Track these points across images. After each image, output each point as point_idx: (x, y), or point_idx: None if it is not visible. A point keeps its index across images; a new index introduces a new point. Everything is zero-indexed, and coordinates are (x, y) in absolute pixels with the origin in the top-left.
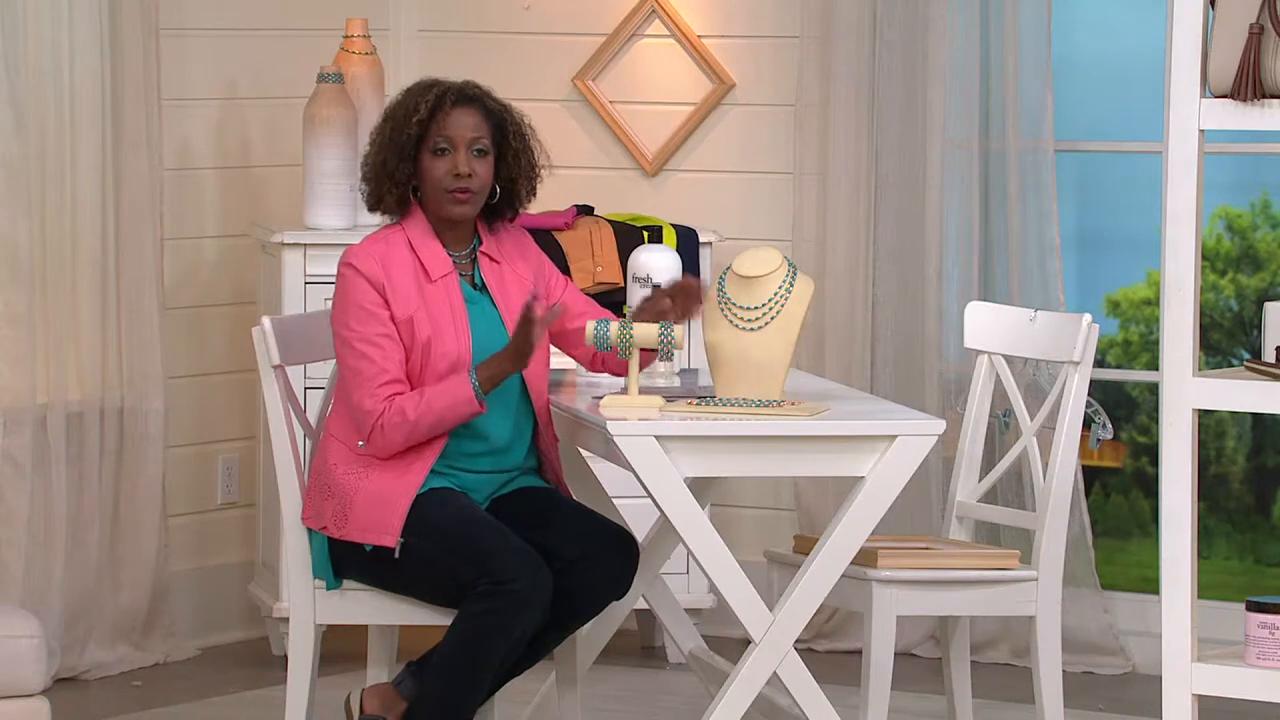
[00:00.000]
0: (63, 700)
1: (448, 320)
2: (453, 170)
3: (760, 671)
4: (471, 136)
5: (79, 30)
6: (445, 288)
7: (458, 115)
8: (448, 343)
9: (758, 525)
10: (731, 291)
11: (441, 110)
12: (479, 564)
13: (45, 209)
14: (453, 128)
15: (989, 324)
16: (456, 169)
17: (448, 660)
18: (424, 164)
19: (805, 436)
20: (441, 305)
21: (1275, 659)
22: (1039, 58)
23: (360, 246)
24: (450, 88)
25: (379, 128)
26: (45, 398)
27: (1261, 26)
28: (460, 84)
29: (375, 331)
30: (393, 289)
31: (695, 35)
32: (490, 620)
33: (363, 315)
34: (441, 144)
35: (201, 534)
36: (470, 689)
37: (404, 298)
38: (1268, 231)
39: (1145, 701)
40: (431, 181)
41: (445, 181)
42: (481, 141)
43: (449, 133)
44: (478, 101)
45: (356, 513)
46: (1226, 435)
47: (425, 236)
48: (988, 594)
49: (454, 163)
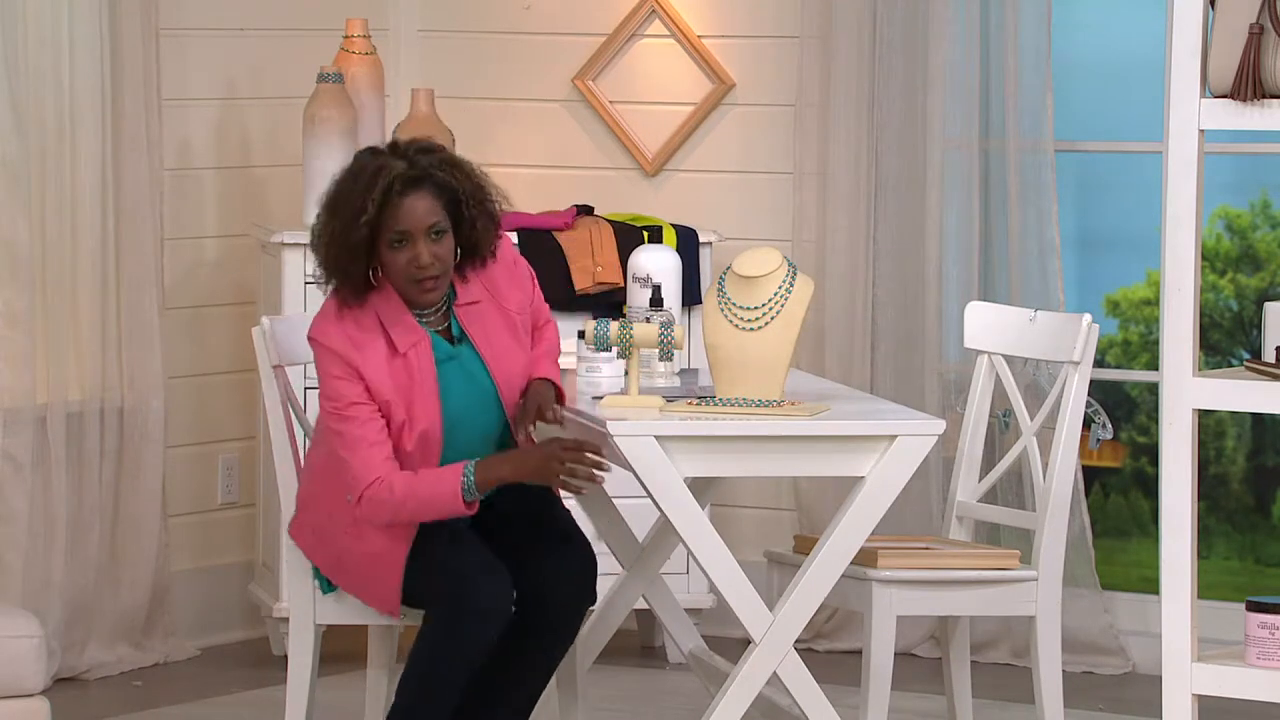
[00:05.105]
0: (63, 700)
1: (416, 398)
2: (415, 262)
3: (760, 671)
4: (428, 223)
5: (79, 31)
6: (414, 358)
7: (409, 204)
8: (416, 423)
9: (758, 525)
10: (731, 292)
11: (390, 203)
12: (438, 574)
13: (45, 209)
14: (405, 219)
15: (989, 324)
16: (419, 260)
17: (408, 673)
18: (382, 255)
19: (805, 437)
20: (408, 381)
21: (1275, 659)
22: (1039, 58)
23: (328, 326)
24: (396, 175)
25: (325, 217)
26: (45, 398)
27: (1261, 26)
28: (403, 166)
29: (356, 396)
30: (367, 375)
31: (695, 35)
32: (443, 631)
33: (341, 383)
34: (397, 237)
35: (202, 534)
36: (431, 701)
37: (378, 382)
38: (1267, 231)
39: (1145, 701)
40: (394, 273)
41: (409, 273)
42: (438, 224)
43: (403, 226)
44: (426, 181)
45: (351, 573)
46: (1226, 435)
47: (395, 312)
48: (988, 594)
49: (414, 253)
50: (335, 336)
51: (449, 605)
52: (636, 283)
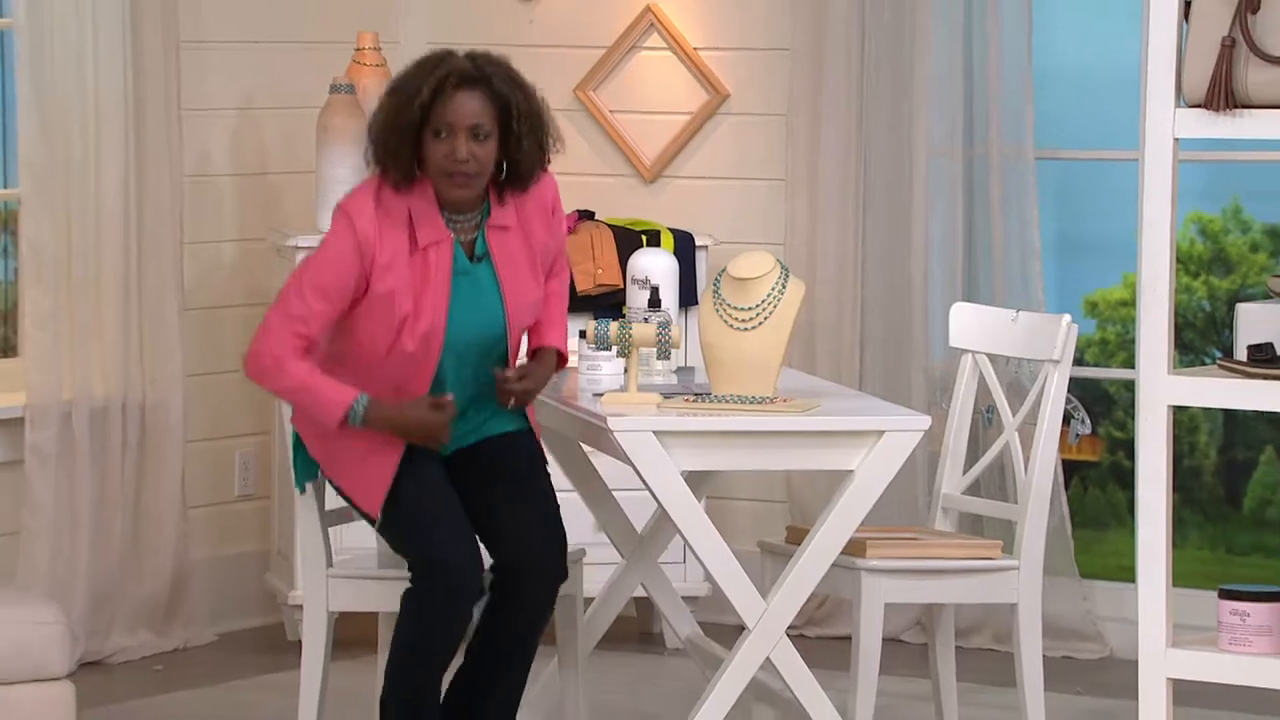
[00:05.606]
0: (87, 684)
1: (426, 294)
2: (452, 155)
3: (754, 656)
4: (471, 123)
5: (103, 44)
6: (433, 258)
7: (459, 100)
8: (421, 320)
9: (751, 516)
10: (726, 293)
11: (443, 94)
12: (412, 542)
13: (71, 214)
14: (452, 113)
15: (973, 324)
16: (456, 154)
17: (390, 658)
18: (426, 145)
19: (797, 432)
20: (423, 278)
21: (1246, 644)
22: (1020, 70)
23: (363, 201)
24: (454, 69)
25: (385, 99)
26: (71, 394)
27: (1233, 40)
28: (467, 64)
29: (331, 284)
30: (380, 260)
31: (691, 48)
32: (416, 611)
33: (333, 265)
34: (441, 128)
35: (219, 525)
36: (413, 681)
37: (388, 270)
38: (1238, 236)
39: (1122, 685)
40: (432, 163)
41: (444, 165)
42: (482, 127)
43: (449, 118)
44: (483, 83)
45: (345, 466)
46: (1199, 430)
47: (427, 207)
48: (971, 582)
49: (452, 147)
50: (362, 214)
51: (419, 583)
52: (635, 284)
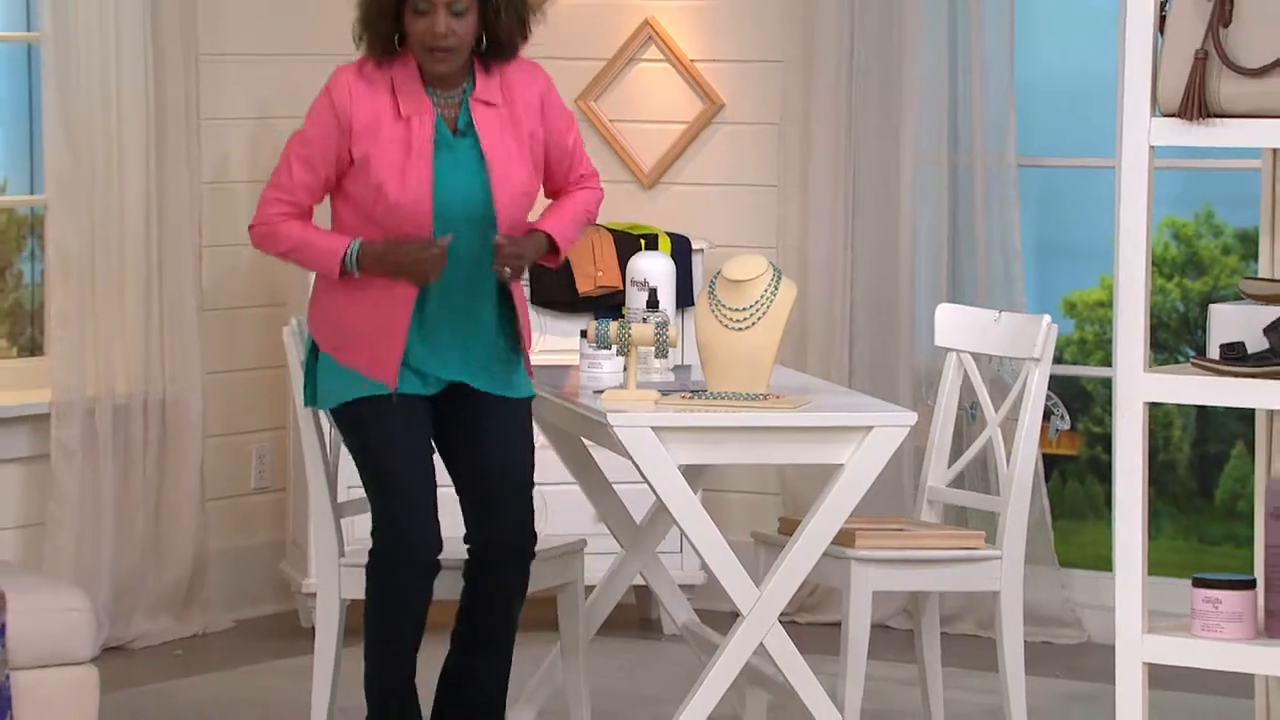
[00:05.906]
0: (110, 668)
1: (404, 165)
2: (431, 30)
3: (748, 642)
4: None
5: (126, 58)
6: (414, 128)
7: None
8: (395, 190)
9: (745, 508)
10: (721, 294)
11: None
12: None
13: (95, 219)
14: None
15: (957, 324)
16: (435, 29)
17: (365, 638)
18: (407, 22)
19: (789, 427)
20: (401, 148)
21: (1218, 630)
22: (1003, 80)
23: (342, 74)
24: None
25: None
26: (94, 391)
27: (1206, 52)
28: None
29: (314, 154)
30: (356, 126)
31: (688, 59)
32: (380, 585)
33: (312, 135)
34: (421, 4)
35: (236, 516)
36: (385, 655)
37: (367, 134)
38: (1210, 240)
39: (1099, 669)
40: (413, 38)
41: (424, 40)
42: (460, 3)
43: None
44: None
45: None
46: (1173, 426)
47: (409, 80)
48: (956, 571)
49: (431, 23)
50: (341, 83)
51: (379, 557)
52: (634, 286)
